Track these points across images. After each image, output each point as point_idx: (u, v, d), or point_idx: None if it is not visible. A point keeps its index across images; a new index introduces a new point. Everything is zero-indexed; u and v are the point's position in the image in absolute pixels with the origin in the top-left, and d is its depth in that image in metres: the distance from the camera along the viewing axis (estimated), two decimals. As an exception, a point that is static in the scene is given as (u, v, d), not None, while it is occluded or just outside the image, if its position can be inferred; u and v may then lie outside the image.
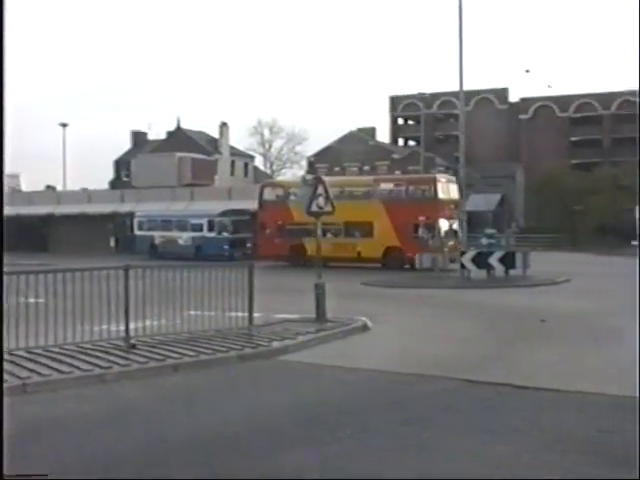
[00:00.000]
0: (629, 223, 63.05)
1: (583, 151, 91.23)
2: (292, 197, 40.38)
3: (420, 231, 36.55)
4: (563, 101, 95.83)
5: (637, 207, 20.12)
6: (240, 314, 14.60)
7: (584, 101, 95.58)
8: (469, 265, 29.51)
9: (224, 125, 77.74)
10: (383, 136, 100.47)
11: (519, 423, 8.08)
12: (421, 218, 36.44)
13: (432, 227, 36.11)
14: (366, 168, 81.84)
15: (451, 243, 36.54)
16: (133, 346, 12.66)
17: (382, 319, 17.33)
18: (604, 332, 15.53)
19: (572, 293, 25.03)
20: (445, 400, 9.35)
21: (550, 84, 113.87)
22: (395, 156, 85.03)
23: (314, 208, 17.15)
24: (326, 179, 47.15)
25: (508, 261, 29.57)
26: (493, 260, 29.50)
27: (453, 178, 40.54)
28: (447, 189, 38.14)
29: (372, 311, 18.03)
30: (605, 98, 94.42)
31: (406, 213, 36.72)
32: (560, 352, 13.18)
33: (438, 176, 39.74)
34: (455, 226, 37.91)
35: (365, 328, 16.04)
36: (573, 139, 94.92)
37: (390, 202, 38.62)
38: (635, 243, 62.56)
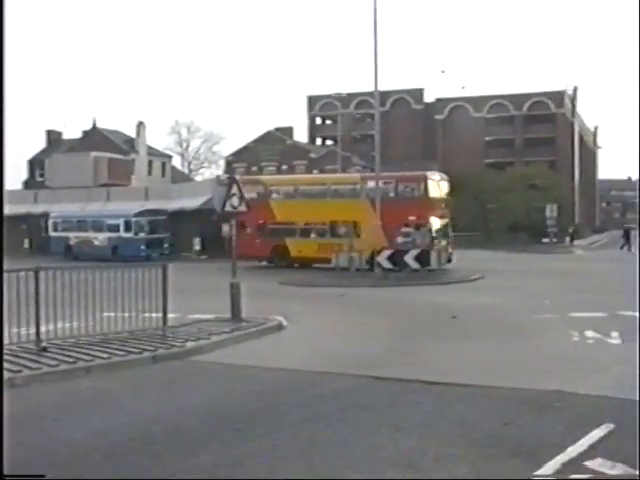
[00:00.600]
0: (539, 221, 64.76)
1: (497, 151, 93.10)
2: (274, 195, 39.39)
3: (411, 231, 34.09)
4: (477, 102, 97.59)
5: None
6: (155, 315, 14.52)
7: (497, 102, 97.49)
8: (385, 264, 29.86)
9: (141, 124, 76.81)
10: (301, 135, 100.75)
11: (425, 418, 8.24)
12: (411, 217, 34.15)
13: (423, 227, 34.02)
14: (284, 167, 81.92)
15: (443, 243, 35.30)
16: (44, 349, 12.47)
17: (297, 318, 17.42)
18: (514, 327, 15.92)
19: (485, 289, 25.57)
20: (353, 397, 9.47)
21: (464, 85, 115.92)
22: (313, 155, 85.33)
23: (228, 208, 17.11)
24: (308, 177, 44.28)
25: (423, 259, 30.07)
26: (409, 258, 29.93)
27: (444, 176, 38.40)
28: (438, 187, 36.50)
29: (288, 310, 18.11)
30: (517, 99, 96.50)
31: (395, 212, 33.58)
32: (469, 347, 13.48)
33: (429, 174, 37.39)
34: (446, 225, 36.53)
35: (280, 327, 16.12)
36: (487, 139, 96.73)
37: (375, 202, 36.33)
38: (546, 240, 64.37)
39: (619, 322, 16.10)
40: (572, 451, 6.75)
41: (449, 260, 34.82)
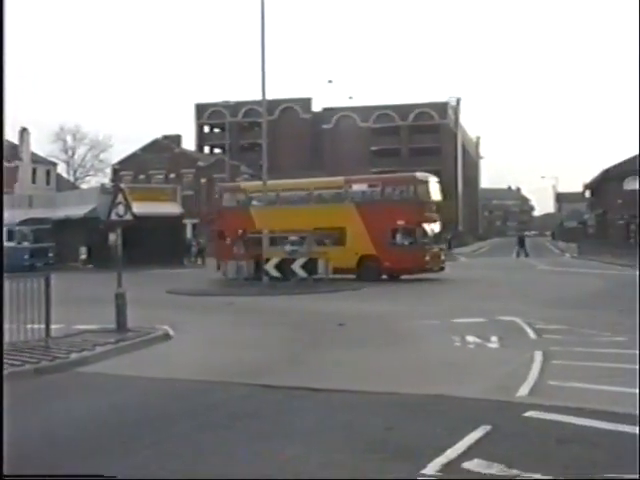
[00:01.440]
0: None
1: (383, 160, 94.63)
2: (255, 202, 36.79)
3: (399, 237, 33.05)
4: (364, 112, 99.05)
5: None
6: (37, 326, 14.22)
7: (383, 112, 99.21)
8: (273, 272, 29.97)
9: (24, 131, 74.84)
10: (189, 144, 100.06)
11: (311, 425, 8.36)
12: (400, 222, 32.74)
13: (413, 232, 32.62)
14: (172, 176, 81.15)
15: (435, 249, 33.86)
16: None
17: (185, 327, 17.34)
18: (399, 333, 16.26)
19: (372, 297, 26.00)
20: (241, 406, 9.52)
21: (351, 95, 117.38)
22: (201, 164, 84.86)
23: (114, 217, 16.90)
24: (290, 182, 39.66)
25: (310, 267, 30.32)
26: (296, 266, 30.14)
27: (435, 178, 36.16)
28: (428, 189, 34.35)
29: (175, 319, 18.02)
30: (403, 110, 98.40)
31: (383, 217, 32.58)
32: (355, 354, 13.71)
33: (418, 175, 35.34)
34: (438, 230, 34.91)
35: (166, 337, 16.00)
36: (373, 148, 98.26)
37: (364, 205, 34.35)
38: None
39: (498, 327, 16.69)
40: (451, 453, 6.96)
41: (442, 268, 34.11)
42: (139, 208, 22.92)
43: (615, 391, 10.06)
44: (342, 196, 35.26)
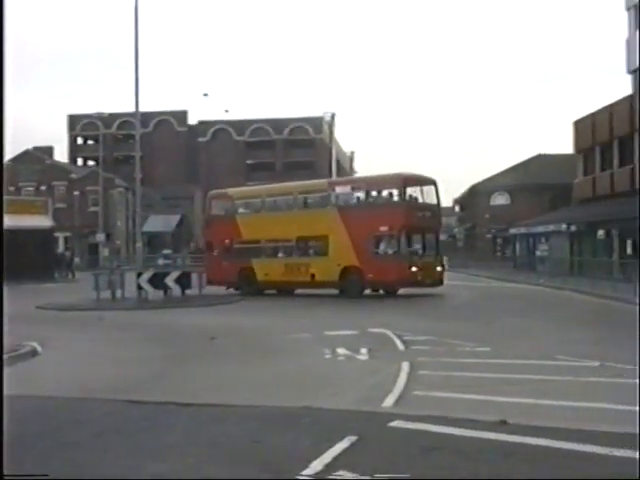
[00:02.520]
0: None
1: (258, 174, 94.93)
2: (241, 210, 35.01)
3: (382, 246, 29.89)
4: (239, 125, 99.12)
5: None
6: None
7: (259, 126, 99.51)
8: (146, 286, 29.56)
9: None
10: (61, 155, 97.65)
11: (179, 440, 8.27)
12: (382, 228, 29.61)
13: (396, 240, 29.37)
14: (43, 188, 79.01)
15: (427, 260, 30.46)
16: None
17: (53, 343, 16.92)
18: (271, 347, 16.32)
19: (246, 311, 26.00)
20: (107, 422, 9.33)
21: (227, 108, 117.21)
22: (74, 176, 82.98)
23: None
24: (275, 186, 38.36)
25: (184, 281, 30.06)
26: (169, 280, 29.82)
27: (431, 178, 32.43)
28: (418, 191, 31.15)
29: (44, 335, 17.55)
30: (278, 124, 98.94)
31: (365, 223, 29.64)
32: (226, 368, 13.68)
33: (405, 175, 31.35)
34: (432, 239, 31.89)
35: (34, 353, 15.56)
36: (249, 162, 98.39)
37: (347, 210, 31.21)
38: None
39: (368, 339, 16.97)
40: (316, 465, 7.01)
41: (440, 282, 30.74)
42: (8, 221, 22.18)
43: (478, 399, 10.39)
44: (325, 200, 32.09)
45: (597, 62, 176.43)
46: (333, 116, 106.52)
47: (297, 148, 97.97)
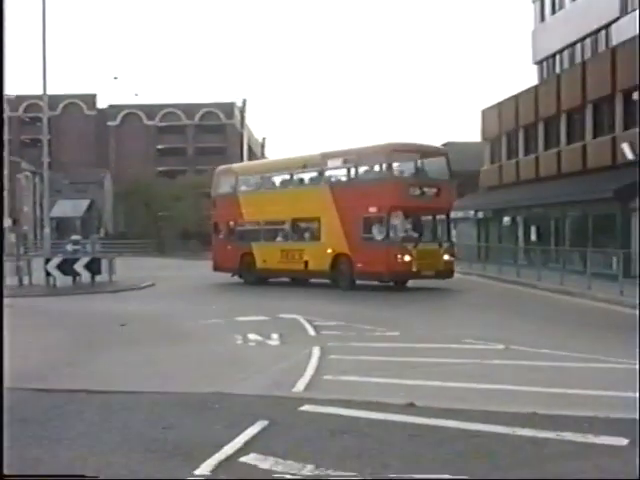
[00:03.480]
0: (211, 228, 66.31)
1: (169, 159, 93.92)
2: (243, 187, 32.07)
3: (373, 229, 25.88)
4: (150, 109, 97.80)
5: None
6: None
7: (170, 110, 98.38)
8: (54, 272, 29.02)
9: None
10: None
11: (89, 428, 8.20)
12: (371, 209, 25.76)
13: (385, 222, 25.48)
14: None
15: (426, 247, 26.11)
16: None
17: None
18: (181, 333, 16.26)
19: (156, 297, 25.78)
20: (16, 412, 9.13)
21: (137, 92, 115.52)
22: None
23: None
24: (275, 160, 34.41)
25: (94, 267, 29.60)
26: (79, 267, 29.32)
27: (436, 148, 29.24)
28: (414, 165, 27.25)
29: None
30: (189, 109, 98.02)
31: (355, 203, 26.05)
32: (137, 354, 13.58)
33: (395, 145, 26.93)
34: (437, 222, 27.56)
35: None
36: (159, 147, 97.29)
37: (338, 188, 27.52)
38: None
39: (280, 325, 17.07)
40: (228, 449, 7.06)
41: (449, 273, 26.65)
42: None
43: (386, 383, 10.60)
44: (317, 177, 28.62)
45: (507, 53, 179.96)
46: (244, 102, 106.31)
47: (208, 133, 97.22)
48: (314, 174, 28.74)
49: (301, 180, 29.30)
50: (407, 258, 25.07)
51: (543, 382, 10.43)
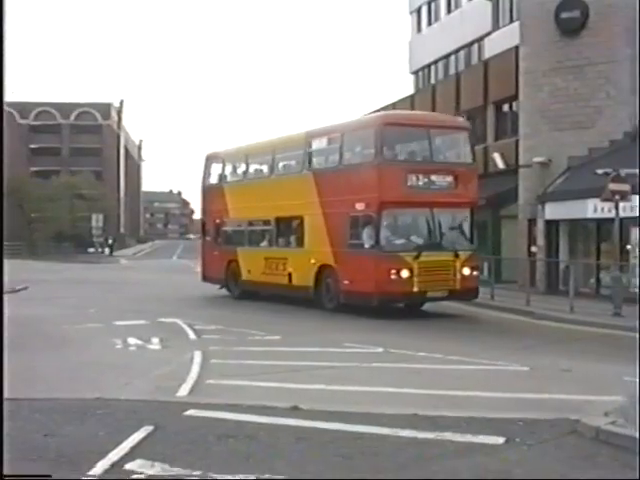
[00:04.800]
0: (85, 230, 64.93)
1: (43, 159, 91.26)
2: (229, 177, 26.77)
3: (362, 234, 19.50)
4: (23, 108, 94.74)
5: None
6: None
7: (44, 109, 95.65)
8: None
9: None
10: None
11: (-35, 436, 7.96)
12: (359, 206, 19.48)
13: (375, 225, 18.99)
14: None
15: (436, 258, 19.26)
16: None
17: None
18: (58, 338, 15.89)
19: (29, 300, 24.99)
20: None
21: (13, 90, 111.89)
22: None
23: None
24: (260, 143, 25.44)
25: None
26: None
27: (448, 119, 22.98)
28: (418, 144, 20.49)
29: None
30: (64, 108, 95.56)
31: (341, 197, 20.24)
32: (14, 360, 13.14)
33: (390, 116, 22.70)
34: (455, 222, 20.38)
35: None
36: (32, 146, 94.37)
37: (323, 176, 21.40)
38: (92, 250, 64.47)
39: (160, 329, 16.95)
40: (113, 455, 6.98)
41: (471, 292, 20.11)
42: None
43: (271, 387, 10.68)
44: (300, 163, 22.51)
45: (391, 62, 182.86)
46: (122, 103, 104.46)
47: (84, 134, 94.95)
48: (296, 160, 22.83)
49: (283, 167, 23.89)
50: (404, 274, 18.69)
51: (423, 384, 10.73)
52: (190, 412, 8.71)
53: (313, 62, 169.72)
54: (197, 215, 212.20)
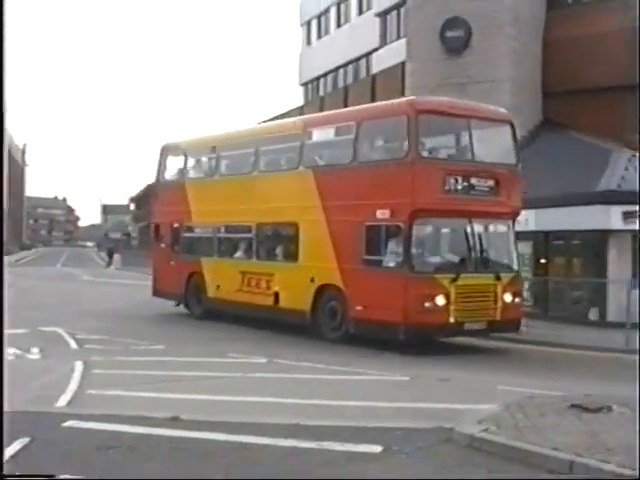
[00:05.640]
0: None
1: None
2: (192, 172, 22.82)
3: (380, 248, 15.88)
4: None
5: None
6: None
7: None
8: None
9: None
10: None
11: None
12: (381, 214, 15.70)
13: (402, 238, 15.22)
14: None
15: (477, 281, 15.77)
16: None
17: None
18: None
19: None
20: None
21: None
22: None
23: None
24: (229, 133, 22.37)
25: None
26: None
27: (490, 110, 17.43)
28: (456, 139, 16.98)
29: None
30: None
31: (354, 202, 16.39)
32: None
33: (424, 102, 16.98)
34: (496, 237, 17.07)
35: None
36: None
37: (327, 175, 17.58)
38: None
39: (40, 338, 16.54)
40: (-12, 468, 6.82)
41: (513, 324, 16.48)
42: None
43: (152, 397, 10.59)
44: (295, 157, 18.51)
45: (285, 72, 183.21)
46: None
47: None
48: (289, 154, 19.11)
49: (270, 162, 19.88)
50: (439, 300, 15.16)
51: (305, 394, 10.83)
52: (69, 423, 8.57)
53: (205, 71, 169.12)
54: (84, 221, 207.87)
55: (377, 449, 7.63)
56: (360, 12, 42.66)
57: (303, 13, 50.05)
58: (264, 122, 23.80)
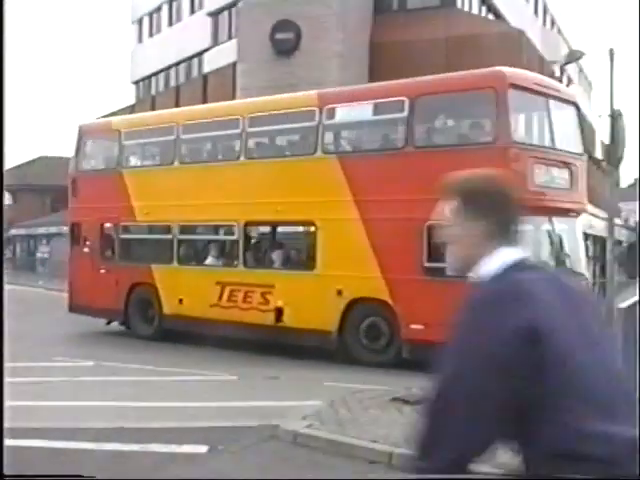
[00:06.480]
0: None
1: None
2: (132, 159, 19.15)
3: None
4: None
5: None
6: None
7: None
8: None
9: None
10: None
11: None
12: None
13: None
14: None
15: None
16: None
17: None
18: None
19: None
20: None
21: None
22: None
23: None
24: (203, 108, 20.01)
25: None
26: None
27: (561, 86, 16.14)
28: (546, 120, 14.03)
29: None
30: None
31: (405, 195, 13.32)
32: None
33: (515, 74, 13.66)
34: (565, 235, 14.13)
35: None
36: None
37: (360, 162, 14.50)
38: None
39: None
40: None
41: None
42: None
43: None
44: (310, 139, 15.25)
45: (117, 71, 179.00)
46: None
47: None
48: (298, 136, 16.31)
49: (267, 147, 16.88)
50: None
51: (131, 396, 10.66)
52: None
53: (34, 67, 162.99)
54: None
55: (202, 449, 7.65)
56: (192, 11, 42.42)
57: (134, 10, 49.21)
58: (91, 122, 20.46)
